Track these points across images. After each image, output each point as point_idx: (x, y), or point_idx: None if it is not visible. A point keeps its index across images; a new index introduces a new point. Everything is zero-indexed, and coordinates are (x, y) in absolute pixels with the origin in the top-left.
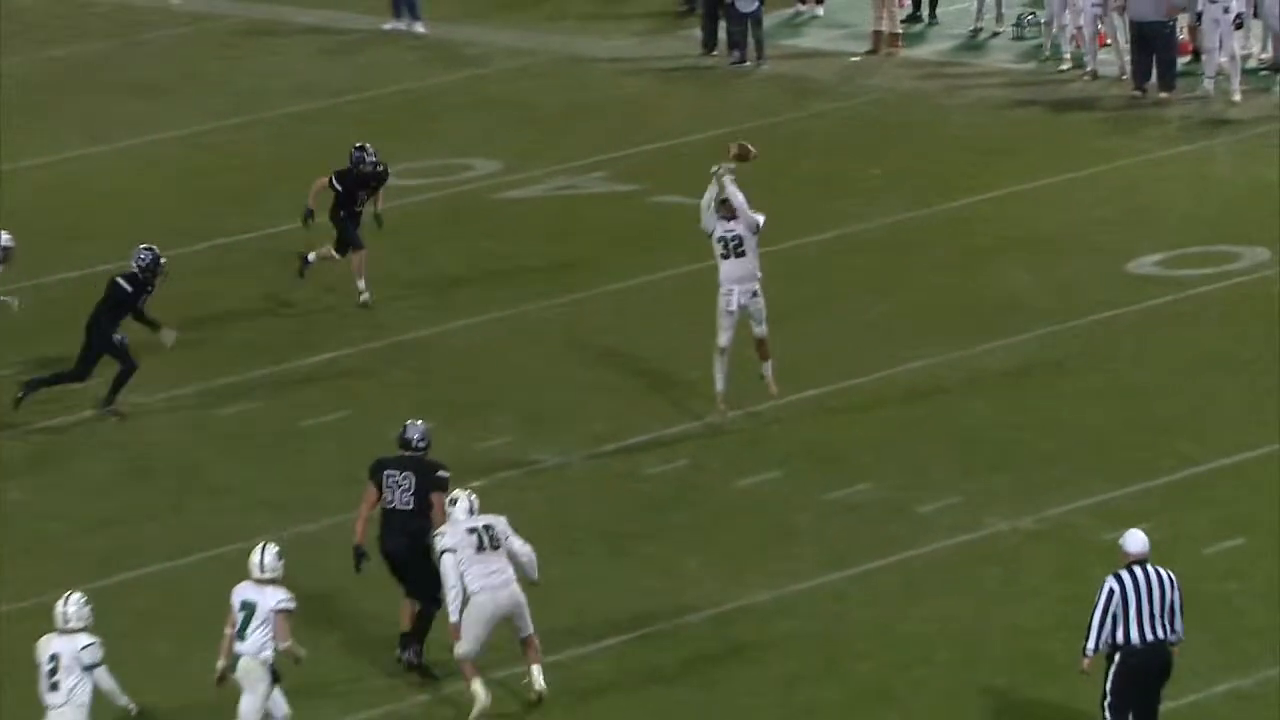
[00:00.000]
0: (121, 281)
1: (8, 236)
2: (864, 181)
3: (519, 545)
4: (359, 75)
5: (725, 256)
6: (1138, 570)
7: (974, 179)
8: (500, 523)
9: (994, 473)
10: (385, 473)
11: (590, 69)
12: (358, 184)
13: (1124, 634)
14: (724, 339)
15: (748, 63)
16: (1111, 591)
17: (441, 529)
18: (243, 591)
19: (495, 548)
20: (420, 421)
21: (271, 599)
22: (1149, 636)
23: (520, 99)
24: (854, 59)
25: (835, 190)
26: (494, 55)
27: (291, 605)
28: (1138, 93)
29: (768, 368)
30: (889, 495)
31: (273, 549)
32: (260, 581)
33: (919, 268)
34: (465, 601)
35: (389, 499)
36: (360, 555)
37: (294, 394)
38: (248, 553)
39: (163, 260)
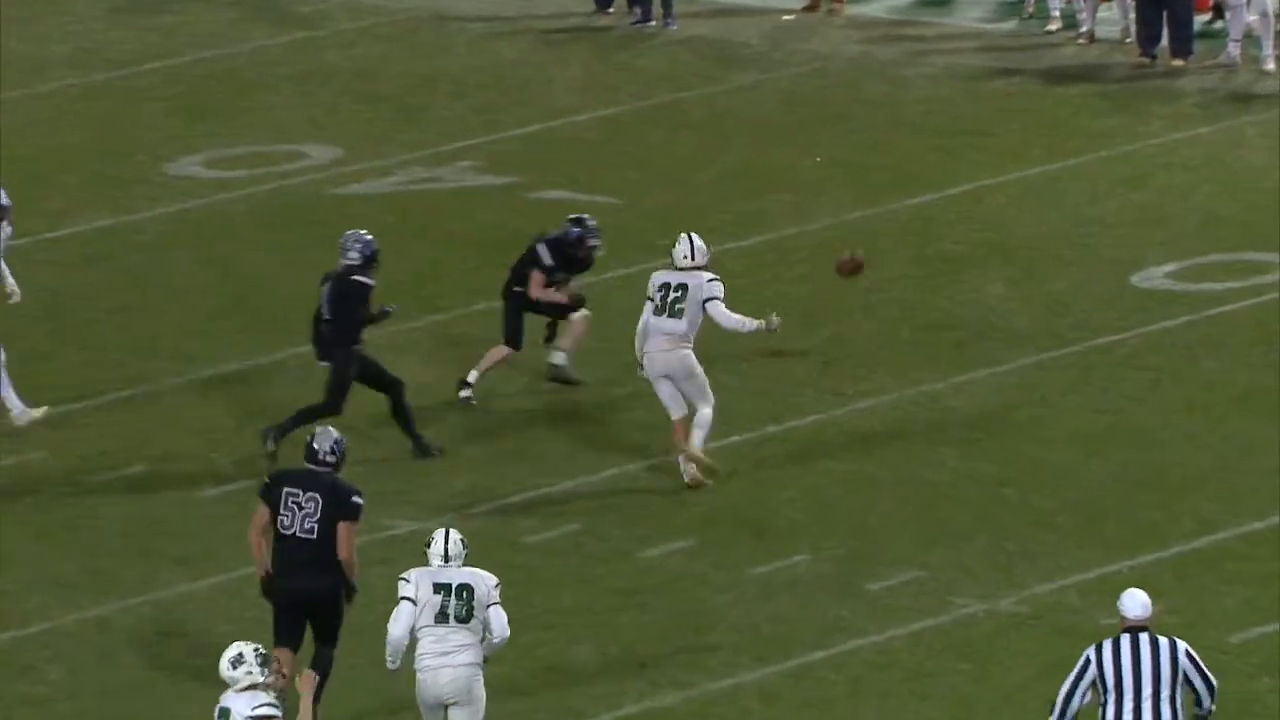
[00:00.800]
0: None
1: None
2: (800, 173)
3: (497, 624)
4: (161, 39)
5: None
6: (1127, 639)
7: (939, 169)
8: (483, 586)
9: (964, 540)
10: (285, 490)
11: (453, 30)
12: (564, 265)
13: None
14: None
15: (652, 22)
16: (1087, 662)
17: (408, 575)
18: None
19: (464, 621)
20: (332, 430)
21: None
22: None
23: (365, 68)
24: (787, 18)
25: (764, 184)
26: (331, 14)
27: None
28: (1145, 60)
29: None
30: (832, 569)
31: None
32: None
33: (870, 282)
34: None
35: (285, 523)
36: (266, 587)
37: (81, 443)
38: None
39: None
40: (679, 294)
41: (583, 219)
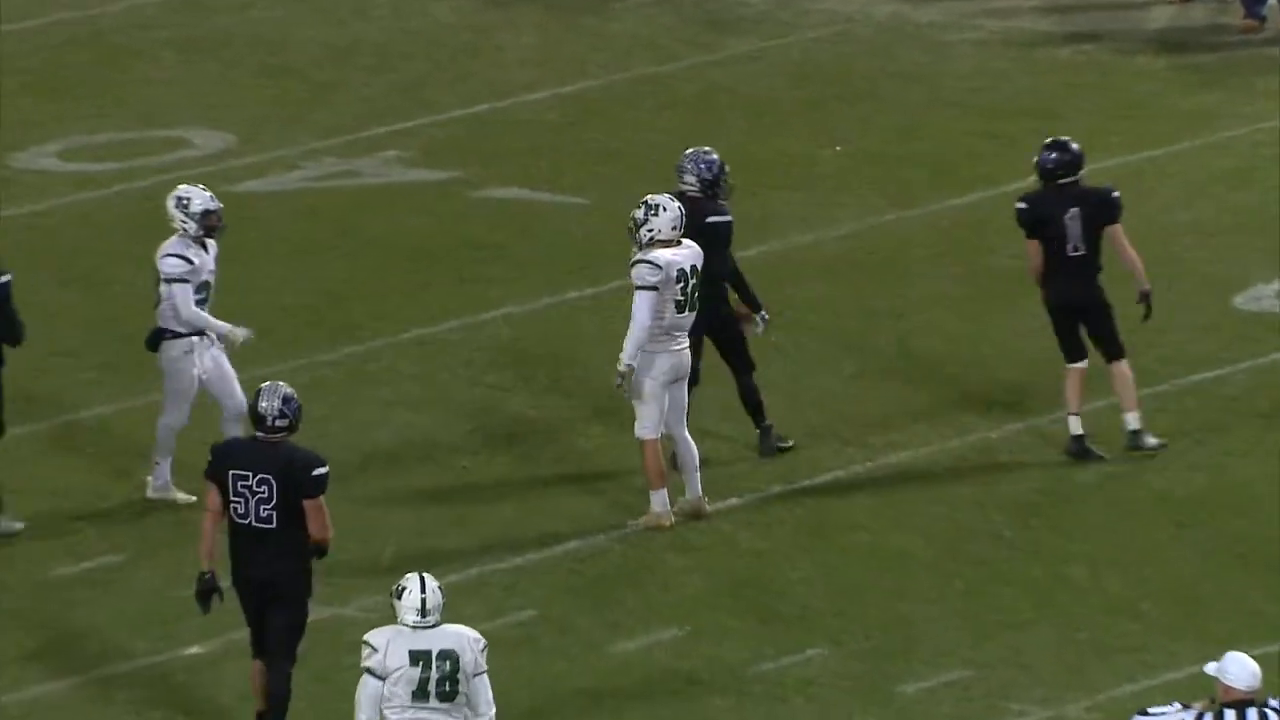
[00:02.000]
0: None
1: None
2: (815, 166)
3: (483, 699)
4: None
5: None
6: (1232, 716)
7: (990, 162)
8: (469, 652)
9: (1021, 631)
10: (231, 472)
11: None
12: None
13: None
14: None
15: None
16: None
17: (374, 637)
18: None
19: (448, 698)
20: (282, 385)
21: None
22: None
23: (264, 36)
24: None
25: (769, 180)
26: None
27: None
28: (1252, 24)
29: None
30: (856, 667)
31: None
32: None
33: (904, 302)
34: None
35: (240, 511)
36: (210, 589)
37: None
38: None
39: None
40: (695, 281)
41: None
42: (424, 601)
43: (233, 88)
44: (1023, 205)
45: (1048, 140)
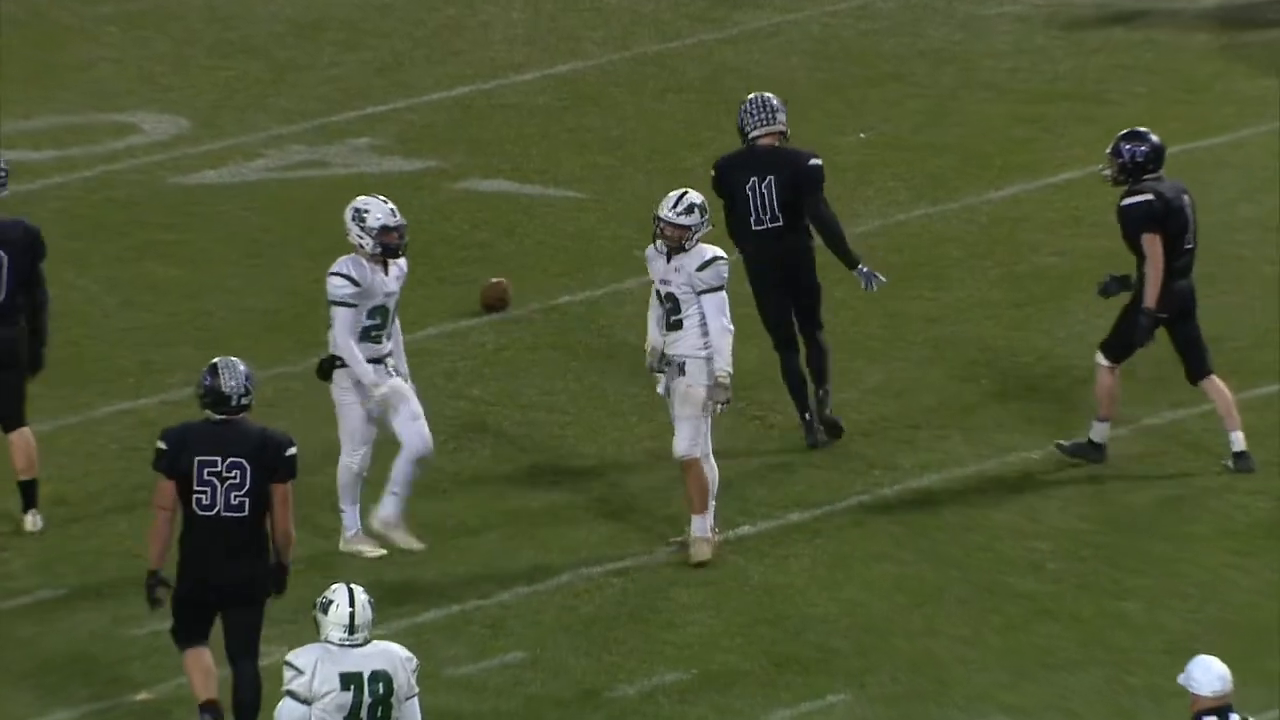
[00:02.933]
0: None
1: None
2: (836, 155)
3: None
4: None
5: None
6: None
7: (1031, 150)
8: (401, 673)
9: (1068, 673)
10: (196, 459)
11: None
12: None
13: None
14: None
15: None
16: None
17: (298, 657)
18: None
19: None
20: (234, 360)
21: None
22: None
23: (220, 10)
24: None
25: None
26: None
27: None
28: None
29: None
30: (882, 712)
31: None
32: None
33: (936, 306)
34: None
35: (204, 501)
36: (157, 584)
37: None
38: None
39: None
40: None
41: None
42: (352, 616)
43: (185, 67)
44: (1149, 197)
45: (1124, 132)
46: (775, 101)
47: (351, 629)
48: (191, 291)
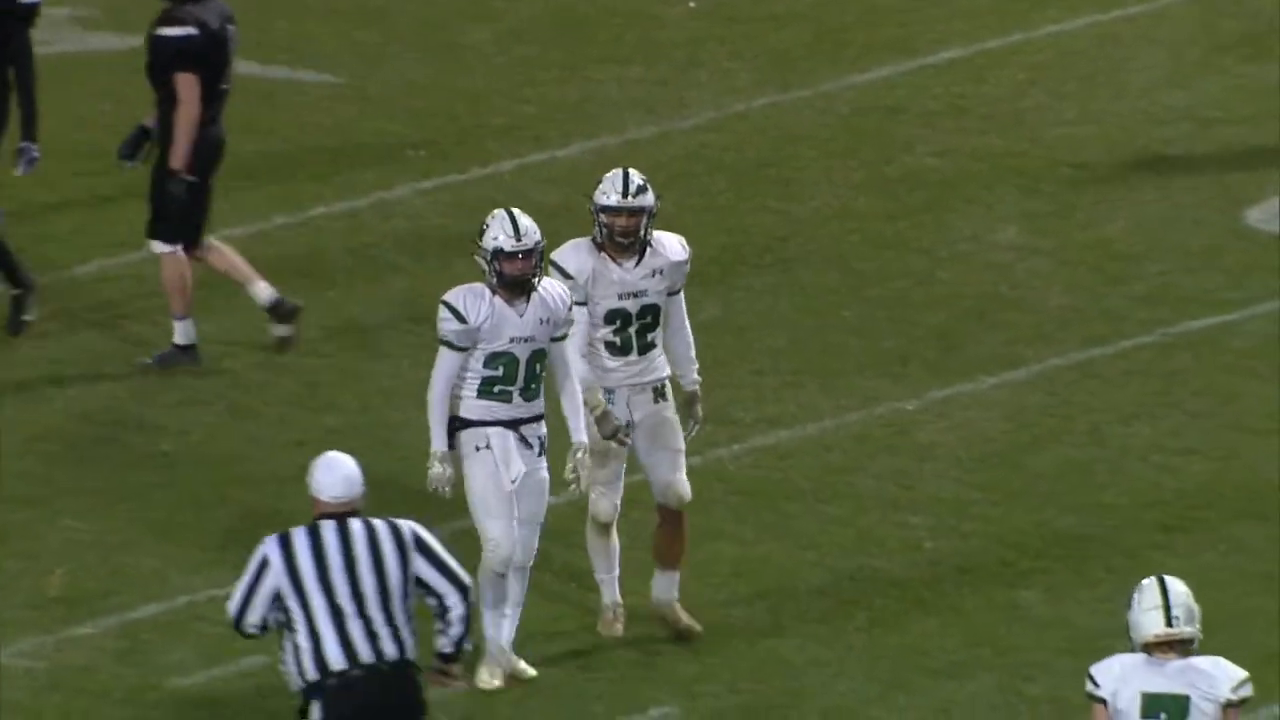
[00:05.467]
0: None
1: None
2: (661, 31)
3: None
4: None
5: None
6: (329, 530)
7: (903, 23)
8: None
9: (959, 676)
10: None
11: None
12: None
13: (314, 657)
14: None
15: None
16: (265, 563)
17: None
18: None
19: None
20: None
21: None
22: (362, 655)
23: None
24: None
25: (594, 52)
26: None
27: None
28: None
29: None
30: None
31: None
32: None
33: (785, 222)
34: None
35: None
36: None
37: None
38: None
39: None
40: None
41: None
42: None
43: None
44: (191, 30)
45: None
46: None
47: None
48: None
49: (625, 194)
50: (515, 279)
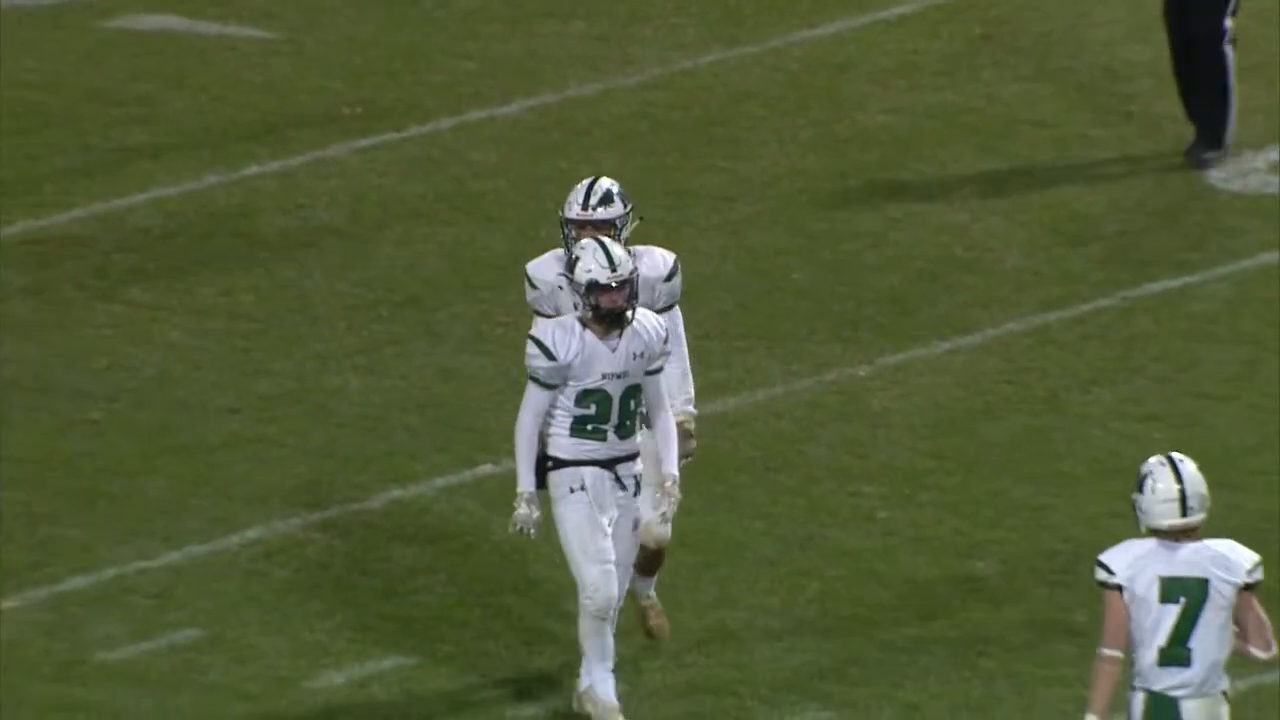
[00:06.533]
0: None
1: None
2: None
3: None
4: None
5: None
6: None
7: None
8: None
9: (915, 651)
10: None
11: None
12: None
13: None
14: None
15: None
16: None
17: None
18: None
19: None
20: None
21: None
22: None
23: None
24: None
25: (537, 5)
26: None
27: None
28: None
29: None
30: (666, 711)
31: None
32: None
33: (732, 182)
34: None
35: None
36: None
37: None
38: None
39: None
40: None
41: None
42: None
43: None
44: None
45: None
46: None
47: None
48: None
49: (586, 205)
50: (610, 312)
